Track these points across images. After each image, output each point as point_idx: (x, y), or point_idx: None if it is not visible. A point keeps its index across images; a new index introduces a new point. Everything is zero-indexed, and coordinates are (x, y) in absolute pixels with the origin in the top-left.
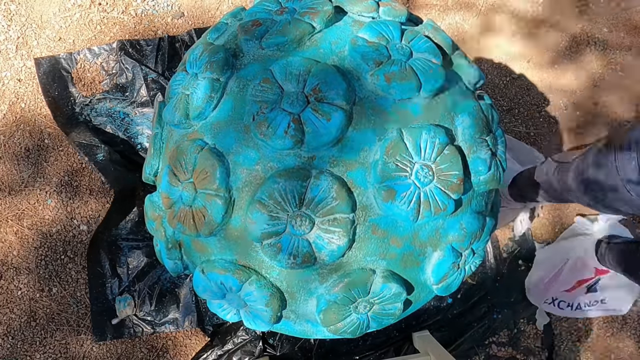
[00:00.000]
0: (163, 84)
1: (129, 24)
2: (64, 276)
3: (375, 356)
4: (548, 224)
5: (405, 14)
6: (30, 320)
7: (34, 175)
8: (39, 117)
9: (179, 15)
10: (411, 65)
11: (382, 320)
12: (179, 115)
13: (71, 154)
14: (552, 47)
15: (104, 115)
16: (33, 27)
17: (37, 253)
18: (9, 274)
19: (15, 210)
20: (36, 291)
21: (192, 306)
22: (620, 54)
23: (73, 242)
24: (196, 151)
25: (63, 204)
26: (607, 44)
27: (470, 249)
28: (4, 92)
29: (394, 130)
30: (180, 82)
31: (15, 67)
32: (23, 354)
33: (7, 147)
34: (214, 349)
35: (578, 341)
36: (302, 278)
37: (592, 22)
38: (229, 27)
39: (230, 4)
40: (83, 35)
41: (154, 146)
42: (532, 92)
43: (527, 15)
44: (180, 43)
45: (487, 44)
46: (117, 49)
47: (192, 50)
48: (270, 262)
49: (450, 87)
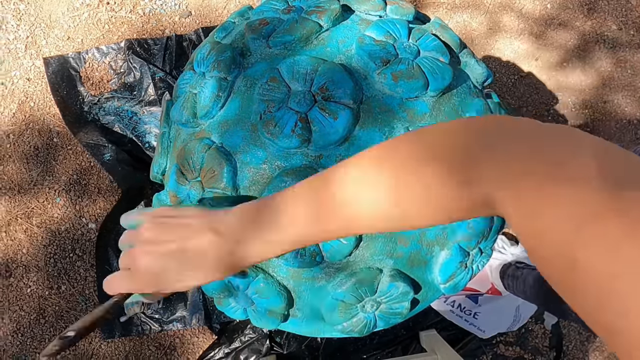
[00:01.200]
0: (170, 82)
1: (137, 23)
2: (72, 274)
3: (383, 355)
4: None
5: (413, 13)
6: (40, 317)
7: (43, 174)
8: (48, 116)
9: (187, 14)
10: (418, 64)
11: (390, 320)
12: (186, 114)
13: (80, 152)
14: (561, 45)
15: (112, 114)
16: (42, 26)
17: (46, 251)
18: (18, 272)
19: (25, 209)
20: (45, 289)
21: (199, 304)
22: (630, 52)
23: (82, 240)
24: (203, 150)
25: (72, 203)
26: (617, 42)
27: (477, 248)
28: (14, 91)
29: (401, 129)
30: (188, 81)
31: (24, 67)
32: (32, 351)
33: (17, 146)
34: (222, 347)
35: (586, 341)
36: (309, 276)
37: (601, 19)
38: (236, 26)
39: (237, 2)
40: (91, 35)
41: (161, 145)
42: (540, 90)
43: (535, 13)
44: (188, 42)
45: (495, 42)
46: (125, 48)
47: (199, 49)
48: (277, 261)
49: (458, 86)
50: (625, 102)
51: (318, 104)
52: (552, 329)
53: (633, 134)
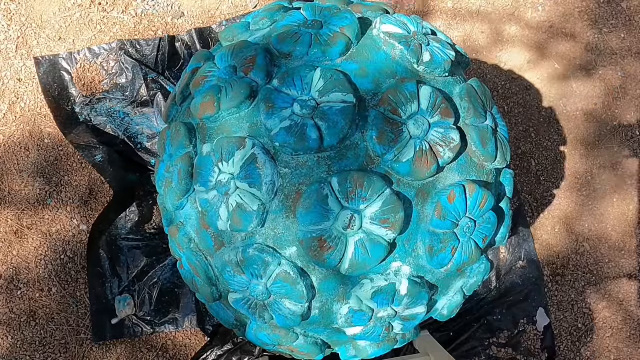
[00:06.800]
0: (163, 83)
1: (129, 23)
2: (63, 276)
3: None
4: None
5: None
6: (30, 320)
7: (34, 175)
8: (39, 117)
9: (179, 15)
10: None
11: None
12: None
13: (71, 154)
14: (565, 56)
15: (104, 115)
16: (33, 26)
17: (36, 253)
18: (8, 274)
19: (15, 210)
20: (36, 291)
21: (192, 306)
22: (634, 62)
23: (73, 241)
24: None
25: (63, 204)
26: (622, 52)
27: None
28: (4, 92)
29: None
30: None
31: (15, 67)
32: (23, 354)
33: (7, 147)
34: (214, 349)
35: (578, 341)
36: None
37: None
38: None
39: (230, 4)
40: (83, 35)
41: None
42: (544, 100)
43: (538, 24)
44: (181, 43)
45: (498, 52)
46: (117, 48)
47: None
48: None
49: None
50: (629, 113)
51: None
52: (544, 331)
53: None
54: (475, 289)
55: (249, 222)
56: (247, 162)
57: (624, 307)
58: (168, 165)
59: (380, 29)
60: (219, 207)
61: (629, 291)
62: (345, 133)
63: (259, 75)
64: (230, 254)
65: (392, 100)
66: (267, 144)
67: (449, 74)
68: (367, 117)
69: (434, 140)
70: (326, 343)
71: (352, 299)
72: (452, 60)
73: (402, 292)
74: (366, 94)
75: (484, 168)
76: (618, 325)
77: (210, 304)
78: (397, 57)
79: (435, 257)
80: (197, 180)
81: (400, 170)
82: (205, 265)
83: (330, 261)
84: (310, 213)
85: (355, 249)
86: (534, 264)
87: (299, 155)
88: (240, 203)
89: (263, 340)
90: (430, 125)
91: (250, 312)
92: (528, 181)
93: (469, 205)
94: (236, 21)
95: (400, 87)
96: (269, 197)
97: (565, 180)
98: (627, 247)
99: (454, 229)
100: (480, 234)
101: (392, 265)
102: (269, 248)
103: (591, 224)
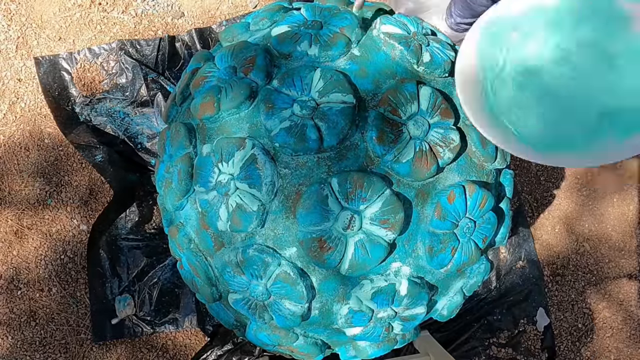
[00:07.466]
0: (163, 84)
1: (129, 23)
2: (63, 276)
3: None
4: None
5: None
6: (30, 320)
7: (34, 175)
8: (39, 117)
9: (179, 15)
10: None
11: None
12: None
13: (71, 154)
14: None
15: (104, 115)
16: (33, 26)
17: (36, 253)
18: (8, 274)
19: (15, 210)
20: (36, 291)
21: (192, 306)
22: None
23: (73, 241)
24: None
25: (63, 204)
26: None
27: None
28: (4, 92)
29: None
30: None
31: (15, 67)
32: (23, 354)
33: (7, 147)
34: (214, 349)
35: (578, 341)
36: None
37: None
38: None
39: (230, 4)
40: (83, 35)
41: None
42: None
43: None
44: (181, 43)
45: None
46: (117, 48)
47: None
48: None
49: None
50: None
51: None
52: (544, 331)
53: None
54: (475, 289)
55: (249, 222)
56: (247, 163)
57: (624, 307)
58: (168, 166)
59: (380, 30)
60: (219, 208)
61: (629, 291)
62: (345, 133)
63: (258, 75)
64: (230, 255)
65: (391, 101)
66: (267, 144)
67: (448, 74)
68: (367, 117)
69: (434, 141)
70: (326, 343)
71: (352, 299)
72: (452, 61)
73: (402, 293)
74: (366, 95)
75: (483, 168)
76: (618, 325)
77: (210, 304)
78: (397, 58)
79: (435, 258)
80: (196, 180)
81: (400, 171)
82: (205, 266)
83: (330, 262)
84: (310, 213)
85: (355, 250)
86: (534, 264)
87: (299, 156)
88: (240, 203)
89: (263, 341)
90: (430, 125)
91: (250, 313)
92: (528, 181)
93: (468, 205)
94: (236, 21)
95: (400, 87)
96: (268, 198)
97: (565, 180)
98: (627, 247)
99: (454, 230)
100: (480, 234)
101: (392, 266)
102: (269, 248)
103: (591, 224)
